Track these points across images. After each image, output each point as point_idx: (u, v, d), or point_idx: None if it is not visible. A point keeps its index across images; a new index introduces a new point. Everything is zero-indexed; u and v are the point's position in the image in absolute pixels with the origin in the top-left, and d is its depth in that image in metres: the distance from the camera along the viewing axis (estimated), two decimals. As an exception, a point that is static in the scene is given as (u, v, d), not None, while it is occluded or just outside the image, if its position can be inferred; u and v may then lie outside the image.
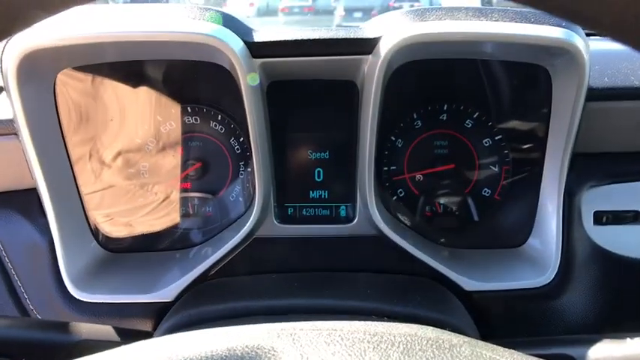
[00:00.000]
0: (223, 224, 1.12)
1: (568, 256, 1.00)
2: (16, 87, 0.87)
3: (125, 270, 1.04)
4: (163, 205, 1.15)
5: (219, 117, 1.13)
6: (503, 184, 1.12)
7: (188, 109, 1.12)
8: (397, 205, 1.14)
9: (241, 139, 1.13)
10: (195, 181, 1.14)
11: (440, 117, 1.13)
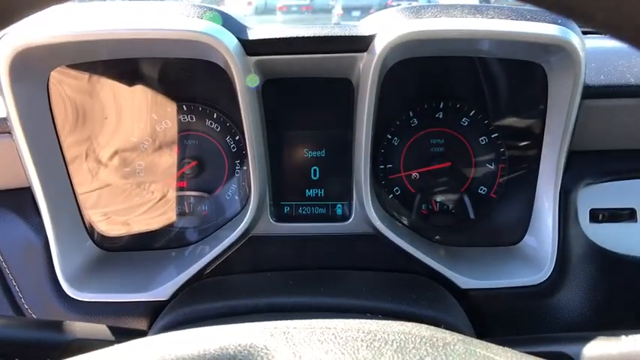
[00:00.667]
0: (219, 223, 1.12)
1: (564, 254, 1.00)
2: (9, 85, 0.86)
3: (120, 269, 1.03)
4: (159, 204, 1.14)
5: (214, 115, 1.12)
6: (499, 182, 1.12)
7: (184, 108, 1.12)
8: (393, 204, 1.14)
9: (237, 138, 1.12)
10: (191, 180, 1.14)
11: (436, 115, 1.12)
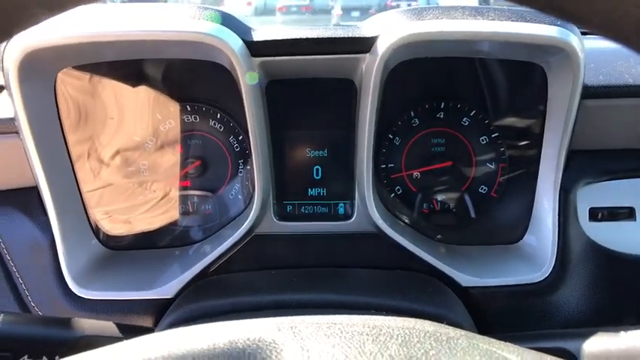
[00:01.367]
0: (223, 222, 1.13)
1: (564, 252, 1.01)
2: (17, 86, 0.87)
3: (125, 267, 1.04)
4: (163, 203, 1.15)
5: (218, 115, 1.13)
6: (499, 181, 1.14)
7: (187, 108, 1.13)
8: (395, 203, 1.15)
9: (240, 137, 1.13)
10: (194, 179, 1.15)
11: (437, 115, 1.14)
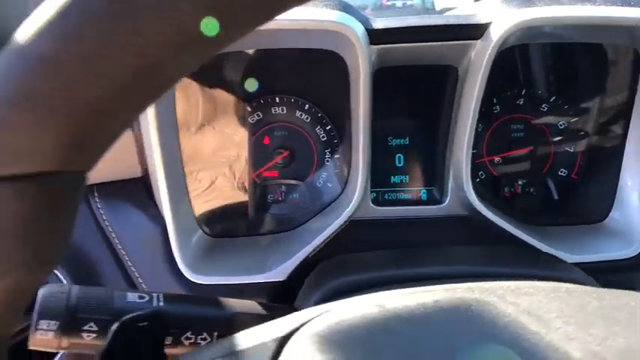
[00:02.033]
0: (315, 209, 1.16)
1: None
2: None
3: (230, 254, 1.07)
4: (254, 192, 1.19)
5: (306, 107, 1.17)
6: (580, 164, 1.18)
7: (276, 100, 1.17)
8: (479, 188, 1.19)
9: (328, 127, 1.17)
10: (282, 169, 1.19)
11: (517, 101, 1.18)
